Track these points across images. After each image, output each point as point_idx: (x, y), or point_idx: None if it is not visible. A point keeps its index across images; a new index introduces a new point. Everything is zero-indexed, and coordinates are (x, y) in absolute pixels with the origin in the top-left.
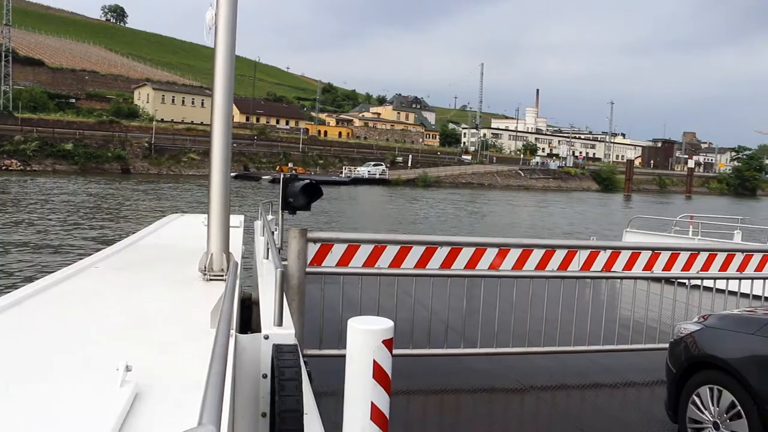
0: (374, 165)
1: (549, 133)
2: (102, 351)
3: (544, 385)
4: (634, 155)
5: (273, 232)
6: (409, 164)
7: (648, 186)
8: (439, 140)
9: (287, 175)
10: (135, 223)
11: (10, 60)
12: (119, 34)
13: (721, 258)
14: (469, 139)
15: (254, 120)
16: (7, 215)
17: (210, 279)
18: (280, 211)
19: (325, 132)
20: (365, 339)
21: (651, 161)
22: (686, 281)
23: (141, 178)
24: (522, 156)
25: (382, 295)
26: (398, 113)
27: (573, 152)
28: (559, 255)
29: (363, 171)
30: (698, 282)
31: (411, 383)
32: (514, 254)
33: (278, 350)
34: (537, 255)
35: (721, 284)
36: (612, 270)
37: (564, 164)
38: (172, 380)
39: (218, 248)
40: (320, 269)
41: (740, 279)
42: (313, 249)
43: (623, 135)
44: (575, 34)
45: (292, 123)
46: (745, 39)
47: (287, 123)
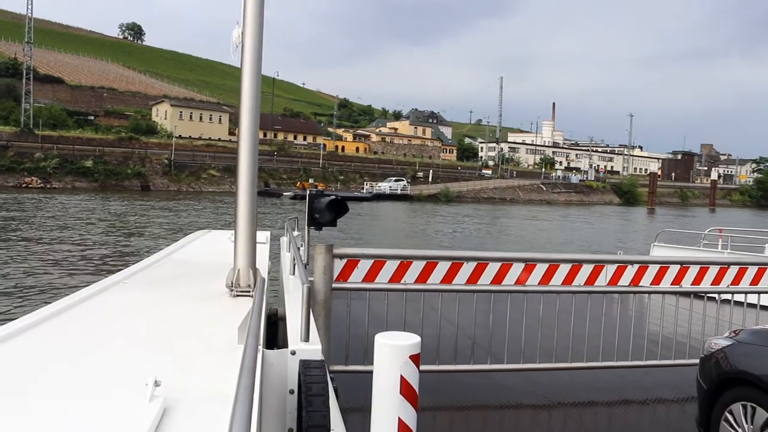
0: (395, 180)
1: (566, 147)
2: (131, 365)
3: (572, 402)
4: (654, 168)
5: (299, 248)
6: (430, 179)
7: (669, 199)
8: (456, 155)
9: (313, 191)
10: (168, 240)
11: (31, 78)
12: (137, 52)
13: (752, 272)
14: (487, 153)
15: (272, 136)
16: (32, 232)
17: (237, 295)
18: (307, 227)
19: (343, 147)
20: (392, 354)
21: (672, 174)
22: (716, 296)
23: (161, 195)
24: (543, 170)
25: (408, 311)
26: (415, 128)
27: (595, 166)
28: (586, 270)
29: (384, 186)
30: (728, 296)
31: (438, 399)
32: (541, 269)
33: (305, 366)
34: (564, 270)
35: (753, 299)
36: (640, 285)
37: (585, 178)
38: (201, 395)
39: (245, 264)
40: (346, 285)
41: None
42: (339, 265)
43: (640, 147)
44: (588, 48)
45: (310, 138)
46: (758, 50)
47: (305, 138)
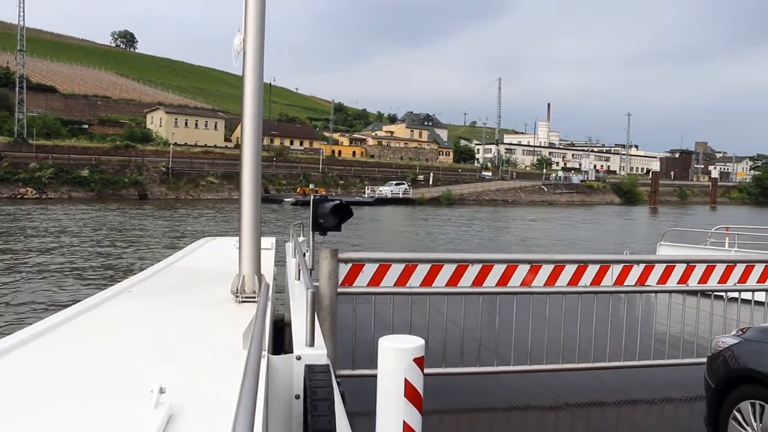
0: (396, 184)
1: (562, 147)
2: (136, 373)
3: (580, 402)
4: (652, 167)
5: (304, 254)
6: (431, 182)
7: (669, 198)
8: (453, 157)
9: (317, 197)
10: (170, 249)
11: (24, 87)
12: (129, 59)
13: (759, 269)
14: (483, 155)
15: (268, 141)
16: (31, 244)
17: (242, 301)
18: (311, 233)
19: (339, 152)
20: (396, 357)
21: (670, 172)
22: (723, 294)
23: (160, 204)
24: (544, 171)
25: (414, 314)
26: (411, 131)
27: (594, 166)
28: (592, 270)
29: (386, 190)
30: (735, 295)
31: (444, 402)
32: (546, 270)
33: (310, 371)
34: (569, 271)
35: (760, 296)
36: (646, 284)
37: (586, 178)
38: (206, 401)
39: (250, 270)
40: (352, 289)
41: None
42: (345, 269)
43: (636, 147)
44: (581, 48)
45: (306, 143)
46: (751, 49)
47: (301, 143)
